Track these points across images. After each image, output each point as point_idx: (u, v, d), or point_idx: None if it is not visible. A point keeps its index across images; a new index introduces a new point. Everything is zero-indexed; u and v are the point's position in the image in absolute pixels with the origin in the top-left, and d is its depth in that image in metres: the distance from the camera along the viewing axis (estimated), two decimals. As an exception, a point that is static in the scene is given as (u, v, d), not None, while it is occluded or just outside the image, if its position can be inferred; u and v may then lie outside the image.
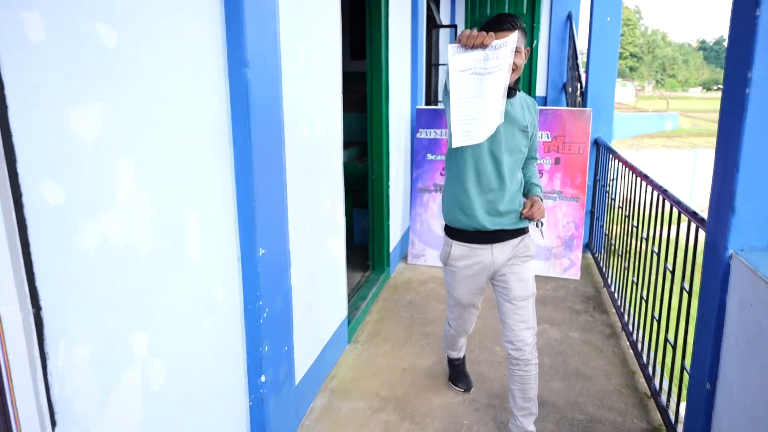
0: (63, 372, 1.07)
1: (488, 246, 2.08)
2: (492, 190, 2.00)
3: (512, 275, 2.08)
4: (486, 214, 2.02)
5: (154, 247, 1.34)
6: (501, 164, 1.98)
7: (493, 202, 2.01)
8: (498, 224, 2.04)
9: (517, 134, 1.99)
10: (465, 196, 2.01)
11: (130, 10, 1.21)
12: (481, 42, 1.53)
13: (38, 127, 0.99)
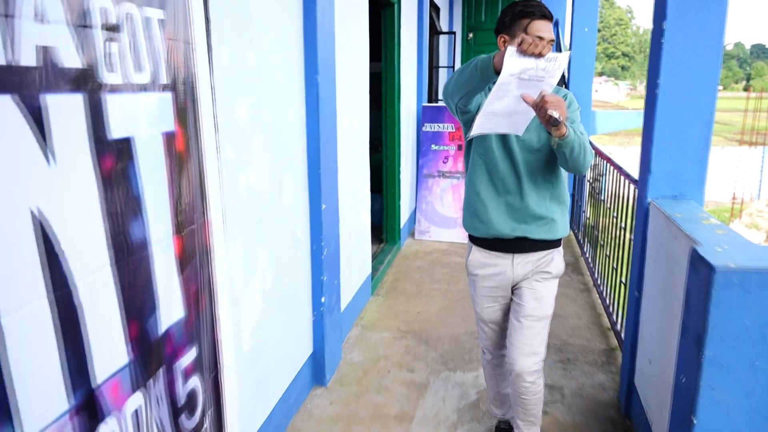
0: (222, 252, 1.76)
1: (509, 255, 1.87)
2: (509, 191, 1.81)
3: (528, 290, 1.87)
4: (505, 220, 1.82)
5: (268, 193, 2.04)
6: (516, 162, 1.79)
7: (512, 206, 1.81)
8: (519, 231, 1.82)
9: (532, 128, 1.75)
10: (478, 200, 1.84)
11: (259, 41, 1.91)
12: (540, 52, 1.43)
13: (224, 113, 1.69)
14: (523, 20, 1.67)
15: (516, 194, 1.82)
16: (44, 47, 0.98)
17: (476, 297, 2.01)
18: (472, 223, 1.90)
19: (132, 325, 1.24)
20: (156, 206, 1.33)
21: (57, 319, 1.03)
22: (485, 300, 1.98)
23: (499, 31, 1.75)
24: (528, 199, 1.81)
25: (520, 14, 1.68)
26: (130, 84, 1.22)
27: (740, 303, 1.45)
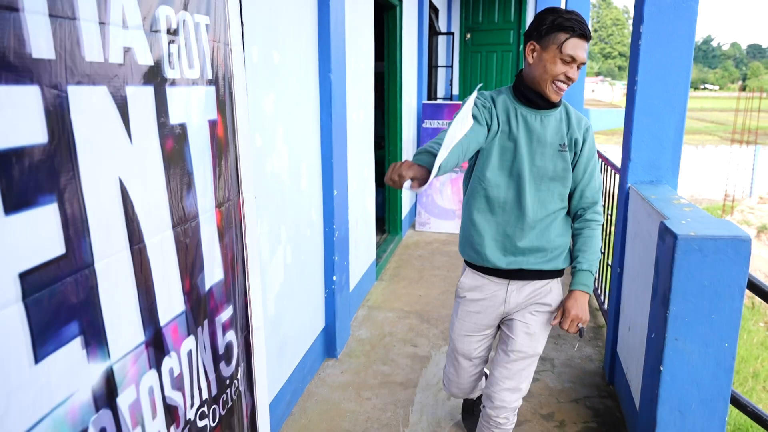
0: (253, 227, 2.01)
1: (504, 281, 1.74)
2: (509, 222, 1.67)
3: (521, 324, 1.74)
4: (500, 253, 1.69)
5: (288, 179, 2.28)
6: (523, 191, 1.64)
7: (511, 237, 1.67)
8: (516, 264, 1.69)
9: (548, 155, 1.63)
10: (474, 229, 1.71)
11: (282, 41, 2.15)
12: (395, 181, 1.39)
13: (253, 103, 1.93)
14: (560, 35, 1.54)
15: (516, 225, 1.67)
16: (126, 48, 1.22)
17: (456, 322, 1.85)
18: (465, 249, 1.78)
19: (186, 280, 1.49)
20: (203, 182, 1.57)
21: (133, 268, 1.27)
22: (465, 326, 1.82)
23: (530, 36, 1.61)
24: (529, 231, 1.67)
25: (559, 27, 1.54)
26: (184, 78, 1.46)
27: (699, 265, 1.70)
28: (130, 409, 1.25)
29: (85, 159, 1.10)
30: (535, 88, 1.64)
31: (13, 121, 0.94)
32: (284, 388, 2.32)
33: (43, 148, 1.00)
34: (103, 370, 1.16)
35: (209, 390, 1.62)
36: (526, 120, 1.66)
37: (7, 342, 0.93)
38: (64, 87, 1.04)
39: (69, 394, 1.07)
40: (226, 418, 1.74)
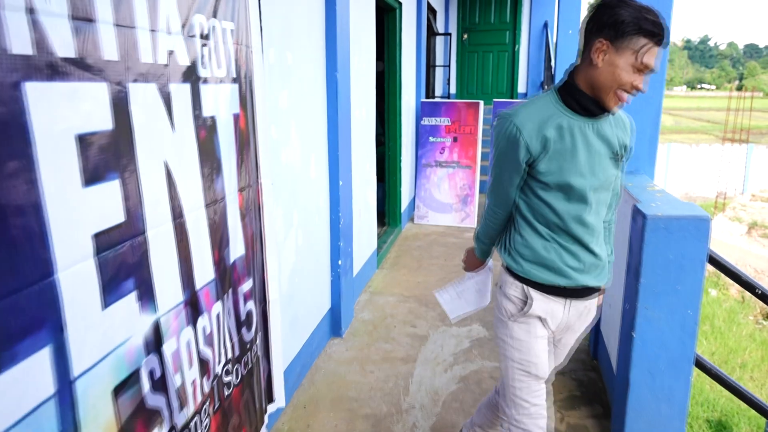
0: (270, 210, 2.23)
1: (564, 301, 1.61)
2: (577, 237, 1.54)
3: (565, 345, 1.73)
4: (574, 270, 1.56)
5: (299, 168, 2.50)
6: (586, 207, 1.51)
7: (576, 255, 1.56)
8: (582, 280, 1.57)
9: (605, 165, 1.50)
10: (544, 247, 1.55)
11: (295, 43, 2.38)
12: None
13: (269, 99, 2.16)
14: (641, 39, 1.32)
15: (582, 240, 1.55)
16: (170, 51, 1.45)
17: (531, 344, 1.61)
18: (532, 270, 1.58)
19: (215, 252, 1.71)
20: (228, 168, 1.79)
21: (175, 238, 1.49)
22: (541, 343, 1.62)
23: (601, 32, 1.36)
24: (593, 244, 1.57)
25: (642, 30, 1.31)
26: (214, 77, 1.68)
27: (665, 242, 1.93)
28: (172, 357, 1.47)
29: (141, 144, 1.33)
30: (593, 95, 1.43)
31: (89, 111, 1.16)
32: (294, 361, 2.55)
33: (110, 134, 1.22)
34: (152, 321, 1.39)
35: (233, 350, 1.84)
36: (583, 132, 1.46)
37: (84, 289, 1.15)
38: (126, 84, 1.27)
39: (126, 338, 1.29)
40: (247, 378, 1.96)
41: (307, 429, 2.34)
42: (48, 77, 1.04)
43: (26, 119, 1.00)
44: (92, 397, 1.17)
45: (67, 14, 1.07)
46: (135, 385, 1.31)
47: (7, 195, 0.96)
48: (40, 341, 1.04)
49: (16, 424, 0.98)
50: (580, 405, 2.50)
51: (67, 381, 1.10)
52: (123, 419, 1.27)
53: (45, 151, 1.04)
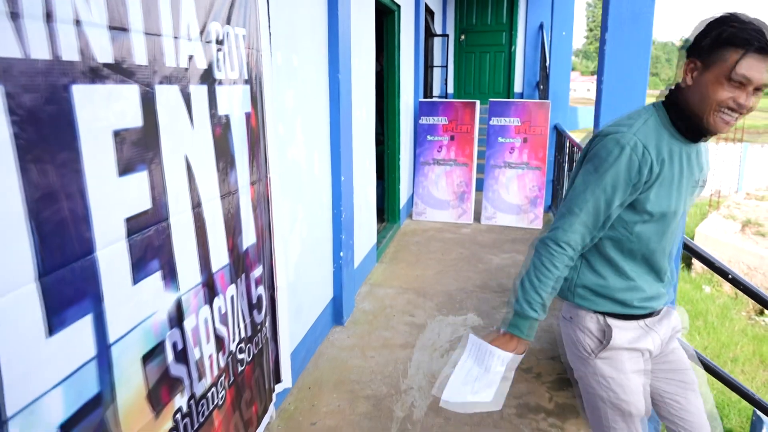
0: (278, 203, 2.39)
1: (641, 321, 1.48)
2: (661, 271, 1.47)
3: (675, 351, 1.55)
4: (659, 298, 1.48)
5: (304, 164, 2.66)
6: (669, 235, 1.43)
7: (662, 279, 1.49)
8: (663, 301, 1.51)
9: (693, 190, 1.43)
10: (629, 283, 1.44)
11: (299, 46, 2.53)
12: None
13: (274, 100, 2.31)
14: (730, 51, 1.21)
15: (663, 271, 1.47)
16: (190, 56, 1.60)
17: (620, 382, 1.45)
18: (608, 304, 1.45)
19: (229, 239, 1.86)
20: (241, 163, 1.94)
21: (194, 225, 1.65)
22: (634, 379, 1.46)
23: (692, 53, 1.30)
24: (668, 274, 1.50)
25: (728, 41, 1.21)
26: (228, 79, 1.84)
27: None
28: (192, 332, 1.62)
29: (165, 139, 1.48)
30: (693, 118, 1.32)
31: (123, 110, 1.32)
32: (299, 346, 2.70)
33: (140, 130, 1.38)
34: (175, 299, 1.54)
35: (246, 330, 2.00)
36: (688, 157, 1.38)
37: (117, 268, 1.31)
38: (153, 85, 1.42)
39: (153, 312, 1.44)
40: (258, 358, 2.12)
41: (312, 408, 2.49)
42: (90, 80, 1.19)
43: (73, 117, 1.15)
44: (125, 362, 1.32)
45: (106, 24, 1.22)
46: (161, 354, 1.47)
47: (59, 181, 1.11)
48: (83, 309, 1.19)
49: (66, 378, 1.13)
50: (568, 386, 2.66)
51: (104, 345, 1.25)
52: (150, 384, 1.42)
53: (88, 145, 1.19)
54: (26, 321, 1.04)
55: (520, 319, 1.37)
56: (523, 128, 5.47)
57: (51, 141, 1.09)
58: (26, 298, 1.04)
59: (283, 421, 2.40)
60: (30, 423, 1.05)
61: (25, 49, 1.01)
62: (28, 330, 1.04)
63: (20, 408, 1.02)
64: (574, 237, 1.37)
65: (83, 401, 1.18)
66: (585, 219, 1.36)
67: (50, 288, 1.09)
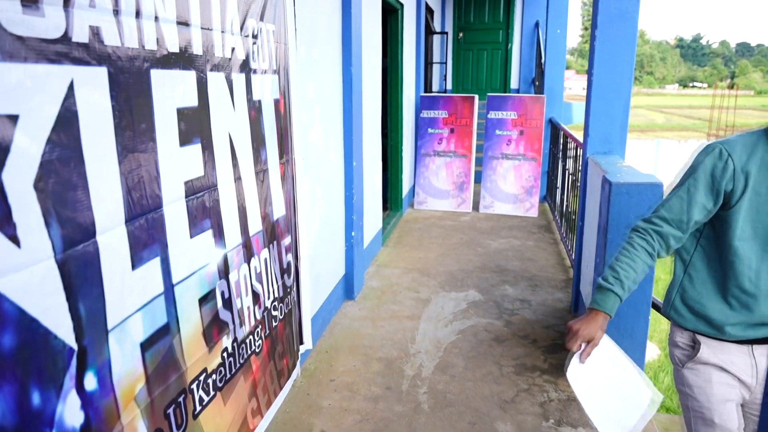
0: (300, 182, 2.64)
1: (745, 347, 1.45)
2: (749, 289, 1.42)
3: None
4: (741, 328, 1.44)
5: (322, 149, 2.92)
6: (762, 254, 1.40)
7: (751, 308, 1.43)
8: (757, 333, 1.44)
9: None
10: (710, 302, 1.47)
11: (318, 41, 2.79)
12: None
13: (298, 90, 2.57)
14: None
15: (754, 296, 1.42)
16: (233, 48, 1.86)
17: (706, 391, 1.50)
18: (700, 324, 1.50)
19: (262, 208, 2.12)
20: (271, 142, 2.20)
21: (236, 193, 1.90)
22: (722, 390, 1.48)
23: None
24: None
25: None
26: (261, 69, 2.09)
27: (627, 204, 2.35)
28: (235, 285, 1.88)
29: (214, 118, 1.74)
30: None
31: (184, 91, 1.57)
32: (317, 315, 2.96)
33: (195, 109, 1.64)
34: (222, 255, 1.80)
35: (278, 291, 2.26)
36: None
37: (178, 223, 1.56)
38: (206, 72, 1.68)
39: (205, 264, 1.70)
40: (288, 317, 2.38)
41: (330, 368, 2.75)
42: (163, 66, 1.45)
43: (151, 94, 1.41)
44: (186, 301, 1.58)
45: (175, 20, 1.48)
46: (212, 300, 1.73)
47: (140, 147, 1.37)
48: (154, 252, 1.45)
49: (144, 306, 1.39)
50: (561, 350, 2.92)
51: (170, 284, 1.51)
52: (205, 324, 1.68)
53: (159, 119, 1.45)
54: (119, 254, 1.30)
55: (599, 292, 1.50)
56: (519, 121, 5.74)
57: (136, 113, 1.35)
58: (119, 236, 1.30)
59: (305, 379, 2.66)
60: (122, 337, 1.31)
61: (122, 39, 1.27)
62: (120, 262, 1.30)
63: (117, 323, 1.28)
64: (654, 227, 1.48)
65: (156, 327, 1.44)
66: (666, 214, 1.47)
67: (133, 231, 1.35)
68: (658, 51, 71.15)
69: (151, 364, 1.40)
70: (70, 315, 1.13)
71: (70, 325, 1.13)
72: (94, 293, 1.20)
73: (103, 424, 1.25)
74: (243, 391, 1.88)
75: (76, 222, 1.16)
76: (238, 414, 1.83)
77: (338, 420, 2.38)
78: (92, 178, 1.20)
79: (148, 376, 1.39)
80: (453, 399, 2.52)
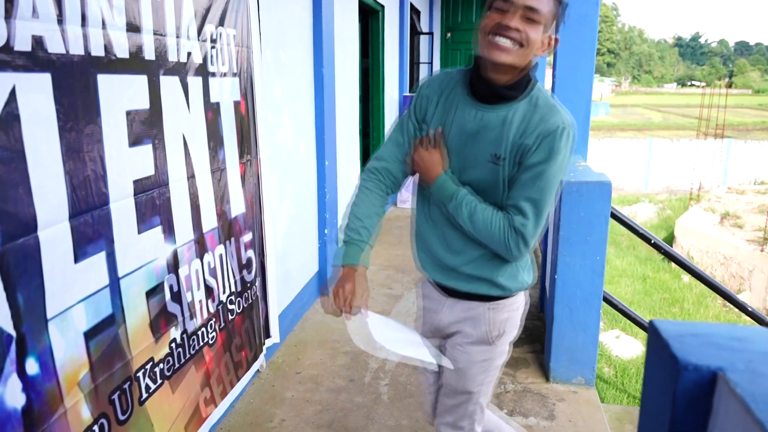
0: (267, 181, 2.72)
1: (444, 299, 1.49)
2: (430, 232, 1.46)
3: (449, 353, 1.50)
4: (428, 261, 1.47)
5: (292, 149, 3.00)
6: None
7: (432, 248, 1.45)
8: (444, 279, 1.46)
9: (481, 161, 1.31)
10: (415, 232, 1.52)
11: (287, 43, 2.87)
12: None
13: (263, 91, 2.64)
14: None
15: (439, 235, 1.44)
16: (189, 52, 1.94)
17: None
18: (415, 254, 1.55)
19: (218, 206, 2.20)
20: (230, 142, 2.28)
21: (188, 191, 1.98)
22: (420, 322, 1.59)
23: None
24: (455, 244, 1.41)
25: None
26: (219, 72, 2.17)
27: (578, 202, 2.43)
28: (185, 279, 1.96)
29: (166, 120, 1.82)
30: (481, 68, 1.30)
31: (134, 95, 1.65)
32: (287, 310, 3.05)
33: (147, 111, 1.72)
34: (172, 250, 1.88)
35: (236, 285, 2.34)
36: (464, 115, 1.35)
37: (125, 220, 1.64)
38: (158, 76, 1.76)
39: (154, 258, 1.78)
40: (248, 311, 2.46)
41: (297, 361, 2.84)
42: (110, 71, 1.53)
43: (98, 98, 1.49)
44: (132, 294, 1.66)
45: (124, 27, 1.56)
46: (160, 293, 1.80)
47: (85, 148, 1.45)
48: (99, 247, 1.52)
49: (87, 297, 1.47)
50: (524, 344, 3.01)
51: (115, 278, 1.59)
52: (152, 315, 1.76)
53: (107, 121, 1.53)
54: (61, 248, 1.38)
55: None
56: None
57: (81, 116, 1.43)
58: (62, 231, 1.38)
59: (272, 371, 2.75)
60: (64, 326, 1.39)
61: (66, 46, 1.35)
62: (62, 255, 1.38)
63: (57, 313, 1.36)
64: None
65: (100, 318, 1.52)
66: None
67: (77, 227, 1.43)
68: (657, 50, 71.09)
69: (95, 352, 1.48)
70: (8, 304, 1.21)
71: (8, 313, 1.21)
72: (33, 284, 1.29)
73: (46, 406, 1.33)
74: (194, 381, 1.96)
75: (16, 218, 1.24)
76: (189, 402, 1.91)
77: (299, 410, 2.46)
78: (34, 177, 1.28)
79: (92, 363, 1.47)
80: (413, 390, 2.61)
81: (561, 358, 2.61)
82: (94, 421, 1.48)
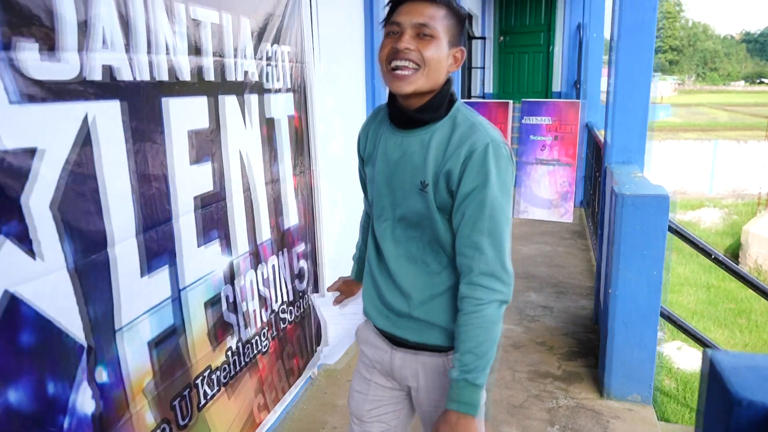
0: (321, 191, 2.79)
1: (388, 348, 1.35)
2: (377, 271, 1.35)
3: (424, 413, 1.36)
4: (373, 304, 1.36)
5: (342, 158, 3.05)
6: (384, 233, 1.31)
7: (379, 289, 1.34)
8: (390, 327, 1.32)
9: (409, 191, 1.23)
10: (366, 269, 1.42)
11: (339, 57, 2.93)
12: None
13: (318, 103, 2.71)
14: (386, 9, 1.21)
15: (378, 273, 1.35)
16: (246, 71, 2.01)
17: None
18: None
19: (272, 219, 2.27)
20: (285, 156, 2.35)
21: (244, 205, 2.05)
22: (355, 376, 1.47)
23: None
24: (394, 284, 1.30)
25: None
26: (275, 88, 2.24)
27: (634, 215, 2.37)
28: (240, 290, 2.03)
29: (226, 137, 1.90)
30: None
31: (195, 115, 1.73)
32: (337, 317, 3.10)
33: (208, 130, 1.79)
34: (229, 262, 1.95)
35: (288, 295, 2.40)
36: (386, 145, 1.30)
37: (187, 235, 1.72)
38: (218, 96, 1.84)
39: (212, 270, 1.86)
40: (300, 319, 2.52)
41: (350, 368, 2.88)
42: (175, 94, 1.61)
43: (162, 121, 1.57)
44: (193, 304, 1.74)
45: (186, 51, 1.65)
46: (218, 303, 1.88)
47: (151, 167, 1.53)
48: (164, 261, 1.61)
49: (153, 308, 1.55)
50: (577, 357, 2.95)
51: (178, 289, 1.67)
52: (210, 325, 1.83)
53: (170, 140, 1.61)
54: (129, 263, 1.46)
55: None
56: (554, 126, 5.71)
57: (148, 138, 1.52)
58: (130, 247, 1.47)
59: (325, 378, 2.80)
60: (130, 337, 1.47)
61: (134, 73, 1.44)
62: (130, 270, 1.47)
63: (125, 324, 1.45)
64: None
65: (164, 328, 1.60)
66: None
67: (143, 243, 1.52)
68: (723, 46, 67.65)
69: (158, 361, 1.57)
70: (80, 316, 1.30)
71: (80, 325, 1.30)
72: (104, 297, 1.38)
73: (114, 412, 1.42)
74: (249, 387, 2.03)
75: (89, 236, 1.33)
76: (244, 408, 1.98)
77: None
78: (105, 197, 1.37)
79: (155, 371, 1.55)
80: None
81: (616, 374, 2.54)
82: (157, 425, 1.56)
